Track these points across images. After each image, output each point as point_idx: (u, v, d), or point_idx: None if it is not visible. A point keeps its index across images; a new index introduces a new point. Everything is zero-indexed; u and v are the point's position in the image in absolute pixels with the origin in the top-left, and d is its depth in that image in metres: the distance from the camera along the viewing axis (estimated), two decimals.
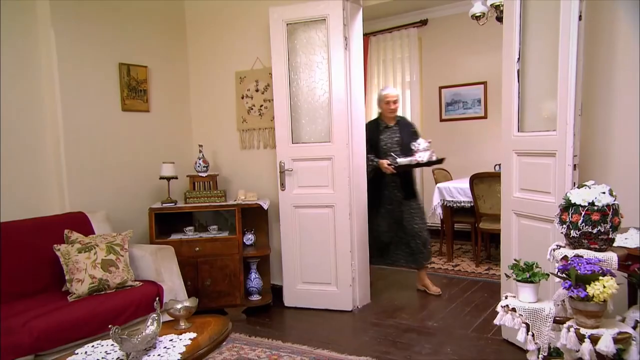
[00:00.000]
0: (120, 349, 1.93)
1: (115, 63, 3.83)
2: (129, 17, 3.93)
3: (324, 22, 3.61)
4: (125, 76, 3.88)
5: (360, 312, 3.82)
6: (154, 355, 1.97)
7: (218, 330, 2.24)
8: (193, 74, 4.45)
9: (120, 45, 3.86)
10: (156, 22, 4.16)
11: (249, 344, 3.23)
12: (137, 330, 2.07)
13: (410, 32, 6.61)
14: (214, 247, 3.72)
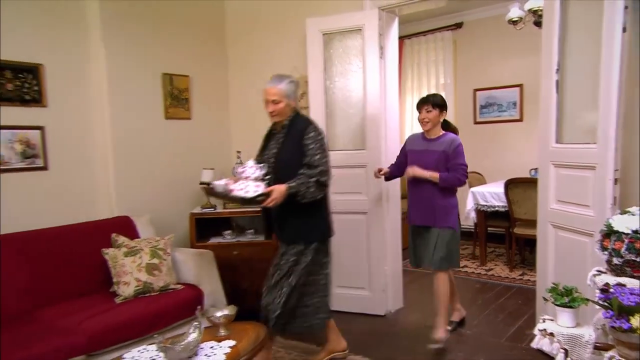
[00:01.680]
0: (165, 357, 1.98)
1: (159, 73, 3.93)
2: (172, 30, 4.01)
3: (359, 32, 3.59)
4: (168, 85, 3.97)
5: (393, 316, 3.80)
6: None
7: (256, 338, 2.28)
8: (232, 82, 4.51)
9: (164, 56, 3.95)
10: (197, 34, 4.24)
11: (285, 347, 3.26)
12: (180, 337, 2.12)
13: (444, 35, 6.50)
14: (251, 251, 3.76)
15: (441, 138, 3.20)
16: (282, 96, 2.68)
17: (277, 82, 2.70)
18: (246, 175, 2.61)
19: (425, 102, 3.19)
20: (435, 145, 3.19)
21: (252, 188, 2.54)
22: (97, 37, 3.54)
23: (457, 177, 3.10)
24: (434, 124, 3.19)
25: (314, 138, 2.67)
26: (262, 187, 2.56)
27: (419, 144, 3.28)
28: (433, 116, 3.16)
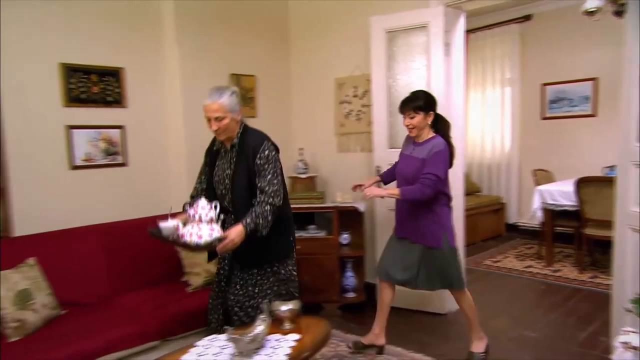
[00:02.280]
0: (234, 347, 2.04)
1: (228, 74, 4.04)
2: (239, 31, 4.10)
3: (424, 29, 3.49)
4: (236, 85, 4.06)
5: (454, 315, 3.69)
6: (263, 355, 2.06)
7: (319, 333, 2.29)
8: (295, 81, 4.56)
9: (232, 57, 4.06)
10: (262, 34, 4.31)
11: (345, 341, 3.26)
12: (248, 328, 2.18)
13: (511, 28, 6.21)
14: (313, 246, 3.80)
15: (426, 143, 2.82)
16: (226, 111, 2.35)
17: (218, 97, 2.35)
18: (198, 216, 2.22)
19: (406, 107, 2.82)
20: (418, 150, 2.84)
21: (206, 232, 2.19)
22: (171, 41, 3.69)
23: (419, 190, 2.70)
24: (421, 129, 2.83)
25: (267, 158, 2.41)
26: (216, 230, 2.23)
27: (408, 147, 2.96)
28: (418, 121, 2.79)
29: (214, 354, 2.10)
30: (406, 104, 2.83)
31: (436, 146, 2.75)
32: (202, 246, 2.20)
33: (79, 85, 3.29)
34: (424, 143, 2.83)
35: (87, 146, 3.37)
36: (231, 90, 2.43)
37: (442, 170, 2.74)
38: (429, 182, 2.69)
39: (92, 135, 3.39)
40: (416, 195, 2.74)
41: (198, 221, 2.21)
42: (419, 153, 2.81)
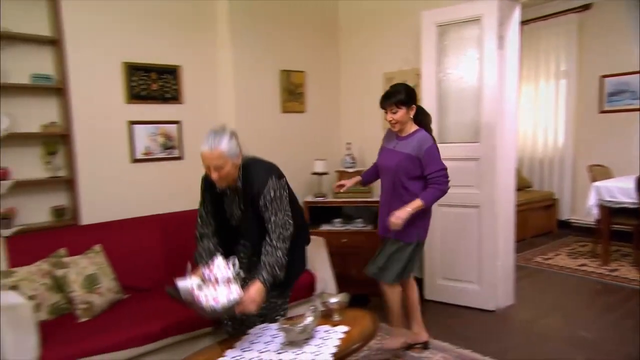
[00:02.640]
0: (285, 336, 2.09)
1: (278, 70, 4.09)
2: (289, 28, 4.14)
3: (477, 22, 3.39)
4: (285, 81, 4.12)
5: (503, 312, 3.60)
6: (313, 345, 2.09)
7: (368, 326, 2.29)
8: (344, 76, 4.55)
9: (282, 54, 4.10)
10: (312, 31, 4.33)
11: None
12: (297, 319, 2.22)
13: (568, 19, 5.90)
14: (359, 239, 3.80)
15: (410, 137, 2.75)
16: (226, 158, 2.15)
17: (216, 143, 2.13)
18: (215, 277, 2.06)
19: (388, 102, 2.73)
20: (402, 144, 2.76)
21: (223, 294, 2.01)
22: (225, 39, 3.78)
23: (439, 190, 2.69)
24: (404, 123, 2.76)
25: (271, 198, 2.23)
26: (235, 290, 2.05)
27: (391, 141, 2.87)
28: (400, 116, 2.72)
29: (265, 342, 2.16)
30: (387, 99, 2.74)
31: (424, 142, 2.70)
32: (219, 311, 2.01)
33: (140, 82, 3.44)
34: (407, 137, 2.77)
35: (146, 140, 3.52)
36: (229, 132, 2.20)
37: (441, 161, 2.72)
38: (442, 178, 2.69)
39: (151, 130, 3.54)
40: (437, 196, 2.72)
41: (214, 283, 2.03)
42: (403, 147, 2.75)
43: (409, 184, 2.74)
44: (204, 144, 2.14)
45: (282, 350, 2.06)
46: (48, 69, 3.09)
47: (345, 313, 2.44)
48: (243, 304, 2.05)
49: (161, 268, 3.19)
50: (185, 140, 3.72)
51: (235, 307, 2.04)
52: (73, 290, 2.59)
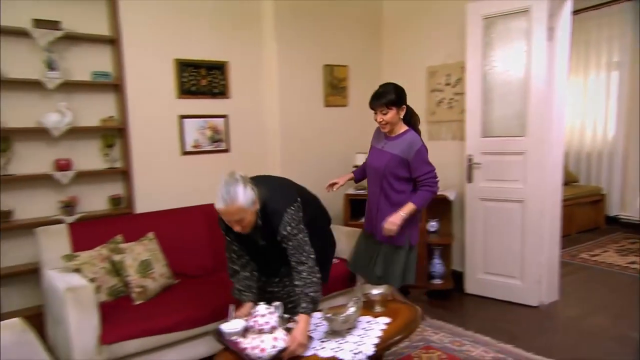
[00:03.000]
0: (328, 325, 2.12)
1: (321, 65, 4.10)
2: (333, 23, 4.14)
3: (525, 13, 3.27)
4: (329, 75, 4.13)
5: (547, 309, 3.50)
6: (355, 335, 2.11)
7: (410, 319, 2.29)
8: (386, 70, 4.51)
9: (326, 49, 4.11)
10: (356, 26, 4.30)
11: (432, 326, 3.23)
12: (340, 309, 2.25)
13: (622, 7, 5.58)
14: None
15: (400, 137, 2.67)
16: (245, 211, 2.03)
17: (232, 199, 1.99)
18: (259, 327, 1.96)
19: (378, 102, 2.63)
20: (391, 145, 2.68)
21: (269, 344, 1.91)
22: (270, 36, 3.83)
23: (430, 192, 2.63)
24: (393, 124, 2.67)
25: (289, 234, 2.15)
26: (281, 338, 1.95)
27: (380, 141, 2.77)
28: (390, 117, 2.63)
29: (308, 330, 2.19)
30: (377, 100, 2.64)
31: (414, 144, 2.61)
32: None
33: (190, 78, 3.54)
34: (396, 138, 2.68)
35: (195, 134, 3.62)
36: (241, 182, 2.04)
37: (430, 163, 2.65)
38: (431, 180, 2.63)
39: (200, 124, 3.64)
40: (428, 199, 2.66)
41: (258, 332, 1.94)
42: (392, 148, 2.66)
43: (397, 185, 2.67)
44: (219, 200, 2.00)
45: (326, 339, 2.09)
46: (107, 67, 3.23)
47: (386, 305, 2.45)
48: (290, 349, 1.94)
49: (209, 256, 3.29)
50: (232, 133, 3.81)
51: (281, 356, 1.92)
52: (129, 274, 2.72)
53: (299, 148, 4.05)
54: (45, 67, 2.95)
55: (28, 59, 2.95)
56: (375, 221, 2.75)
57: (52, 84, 2.95)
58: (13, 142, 2.94)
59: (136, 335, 2.37)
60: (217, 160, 3.75)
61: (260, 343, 1.89)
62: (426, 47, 4.12)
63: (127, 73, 3.25)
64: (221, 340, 2.07)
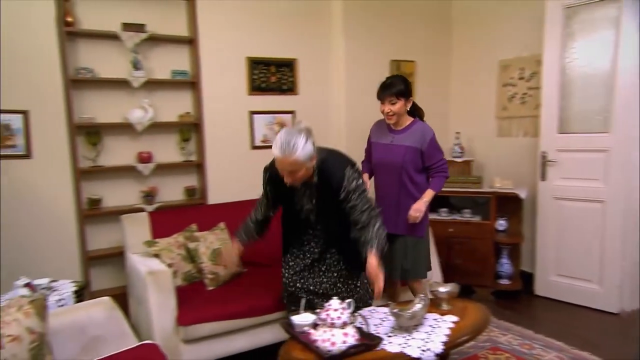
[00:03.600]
0: (395, 320, 2.06)
1: (388, 60, 4.01)
2: (400, 19, 4.03)
3: (615, 0, 2.99)
4: (395, 71, 4.02)
5: (628, 316, 3.20)
6: (422, 332, 2.03)
7: (479, 318, 2.18)
8: (455, 65, 4.33)
9: (393, 44, 4.01)
10: (424, 21, 4.17)
11: (499, 327, 3.07)
12: (406, 305, 2.18)
13: None
14: (467, 230, 3.63)
15: (409, 128, 2.61)
16: (300, 164, 1.96)
17: (290, 150, 1.91)
18: (330, 320, 1.89)
19: (387, 92, 2.55)
20: (402, 137, 2.60)
21: (340, 339, 1.84)
22: (338, 33, 3.80)
23: (444, 177, 2.64)
24: (400, 116, 2.59)
25: (354, 186, 2.09)
26: (351, 335, 1.87)
27: (385, 135, 2.67)
28: (398, 108, 2.55)
29: (374, 324, 2.15)
30: (387, 89, 2.57)
31: (427, 133, 2.60)
32: (336, 354, 1.81)
33: (260, 75, 3.60)
34: (405, 129, 2.62)
35: (264, 129, 3.68)
36: (304, 134, 1.97)
37: (441, 150, 2.66)
38: (444, 166, 2.64)
39: (269, 120, 3.69)
40: (443, 184, 2.66)
41: (330, 326, 1.88)
42: (404, 140, 2.59)
43: (417, 177, 2.62)
44: (277, 147, 1.93)
45: (392, 334, 2.03)
46: (185, 65, 3.35)
47: (454, 303, 2.34)
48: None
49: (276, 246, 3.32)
50: None
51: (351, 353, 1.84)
52: (202, 261, 2.81)
53: (364, 143, 3.98)
54: (131, 67, 3.12)
55: (117, 59, 3.13)
56: (396, 216, 2.63)
57: (137, 82, 3.12)
58: (102, 136, 3.14)
59: (209, 319, 2.44)
60: None
61: (331, 337, 1.84)
62: (498, 40, 3.90)
63: (202, 71, 3.36)
64: (289, 331, 2.07)
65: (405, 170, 2.60)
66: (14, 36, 2.82)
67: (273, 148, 1.96)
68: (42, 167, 2.97)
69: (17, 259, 2.85)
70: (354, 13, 3.77)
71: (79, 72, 2.99)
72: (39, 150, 2.96)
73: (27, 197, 2.93)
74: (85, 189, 3.08)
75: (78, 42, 3.02)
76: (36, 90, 2.91)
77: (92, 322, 1.91)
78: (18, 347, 1.46)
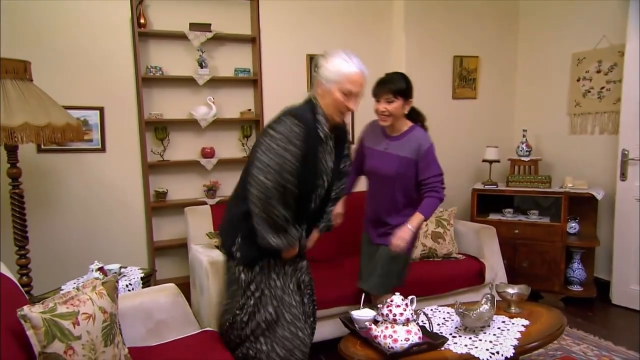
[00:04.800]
0: (460, 320, 1.94)
1: (451, 56, 3.85)
2: (463, 14, 3.86)
3: None
4: (458, 67, 3.86)
5: None
6: (490, 334, 1.90)
7: (552, 323, 2.00)
8: (522, 59, 4.08)
9: (456, 40, 3.85)
10: (489, 14, 3.96)
11: (571, 336, 2.82)
12: (472, 305, 2.04)
13: None
14: (534, 232, 3.38)
15: (405, 135, 2.22)
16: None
17: (364, 68, 1.74)
18: (393, 317, 1.78)
19: (384, 89, 2.17)
20: (397, 146, 2.22)
21: (402, 335, 1.74)
22: (399, 27, 3.70)
23: (438, 199, 2.20)
24: (397, 118, 2.19)
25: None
26: (414, 332, 1.77)
27: (379, 140, 2.29)
28: (395, 108, 2.16)
29: (437, 324, 2.03)
30: (384, 85, 2.19)
31: (424, 141, 2.21)
32: (398, 353, 1.73)
33: None
34: (402, 136, 2.24)
35: None
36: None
37: (439, 165, 2.25)
38: (439, 185, 2.22)
39: None
40: (435, 207, 2.23)
41: (392, 322, 1.79)
42: (399, 149, 2.22)
43: (410, 192, 2.26)
44: (353, 64, 1.69)
45: (457, 334, 1.91)
46: (247, 63, 3.39)
47: (523, 306, 2.18)
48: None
49: (334, 242, 3.28)
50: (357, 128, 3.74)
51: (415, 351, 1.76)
52: None
53: None
54: (197, 65, 3.20)
55: (183, 58, 3.22)
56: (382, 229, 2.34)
57: (202, 80, 3.19)
58: (169, 131, 3.24)
59: None
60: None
61: (393, 333, 1.75)
62: (573, 32, 3.62)
63: (264, 69, 3.38)
64: (349, 326, 2.00)
65: (398, 183, 2.25)
66: (93, 37, 2.98)
67: (345, 67, 1.68)
68: (115, 160, 3.10)
69: (91, 246, 3.00)
70: (415, 8, 3.66)
71: (149, 70, 3.10)
72: (112, 145, 3.10)
73: (101, 188, 3.08)
74: (152, 182, 3.18)
75: (149, 42, 3.14)
76: (111, 87, 3.05)
77: (157, 307, 1.94)
78: (91, 325, 1.50)
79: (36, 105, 2.21)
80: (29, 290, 2.47)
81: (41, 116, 2.19)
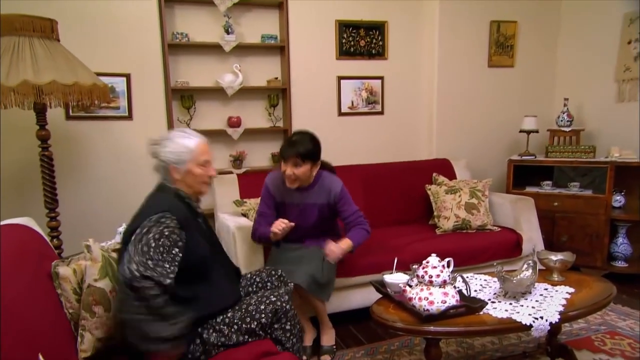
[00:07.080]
0: (501, 285, 1.82)
1: (487, 21, 3.64)
2: None
3: None
4: (495, 33, 3.65)
5: None
6: (532, 300, 1.78)
7: (600, 292, 1.86)
8: (565, 23, 3.81)
9: (493, 3, 3.63)
10: None
11: (615, 311, 2.66)
12: (512, 272, 1.92)
13: None
14: (575, 204, 3.20)
15: (317, 183, 2.23)
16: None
17: None
18: (429, 279, 1.67)
19: (292, 152, 2.10)
20: (312, 194, 2.24)
21: (439, 297, 1.64)
22: None
23: (366, 231, 2.24)
24: (303, 181, 2.17)
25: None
26: (451, 295, 1.66)
27: (290, 194, 2.25)
28: (302, 172, 2.13)
29: (475, 289, 1.92)
30: (292, 148, 2.12)
31: (335, 184, 2.25)
32: (434, 315, 1.63)
33: (349, 39, 3.44)
34: (313, 185, 2.24)
35: (351, 95, 3.53)
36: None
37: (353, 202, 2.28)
38: (362, 219, 2.27)
39: (357, 85, 3.53)
40: (364, 238, 2.26)
41: (428, 284, 1.69)
42: (315, 198, 2.24)
43: (335, 226, 2.43)
44: (189, 137, 1.69)
45: (496, 300, 1.80)
46: (274, 30, 3.30)
47: (567, 275, 2.04)
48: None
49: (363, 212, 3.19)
50: (387, 95, 3.63)
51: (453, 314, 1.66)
52: None
53: (457, 112, 3.69)
54: (223, 31, 3.12)
55: (209, 24, 3.15)
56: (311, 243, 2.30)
57: (228, 46, 3.11)
58: (195, 100, 3.19)
59: None
60: (371, 123, 3.62)
61: (429, 295, 1.64)
62: None
63: (291, 35, 3.27)
64: (381, 290, 1.93)
65: (324, 226, 2.34)
66: (119, 2, 2.94)
67: (187, 142, 1.67)
68: (141, 128, 3.08)
69: (118, 210, 2.99)
70: None
71: (175, 36, 3.05)
72: (138, 112, 3.07)
73: (128, 155, 3.07)
74: None
75: (175, 8, 3.08)
76: (137, 54, 3.01)
77: None
78: None
79: (63, 64, 2.19)
80: (60, 252, 2.49)
81: (69, 75, 2.16)
